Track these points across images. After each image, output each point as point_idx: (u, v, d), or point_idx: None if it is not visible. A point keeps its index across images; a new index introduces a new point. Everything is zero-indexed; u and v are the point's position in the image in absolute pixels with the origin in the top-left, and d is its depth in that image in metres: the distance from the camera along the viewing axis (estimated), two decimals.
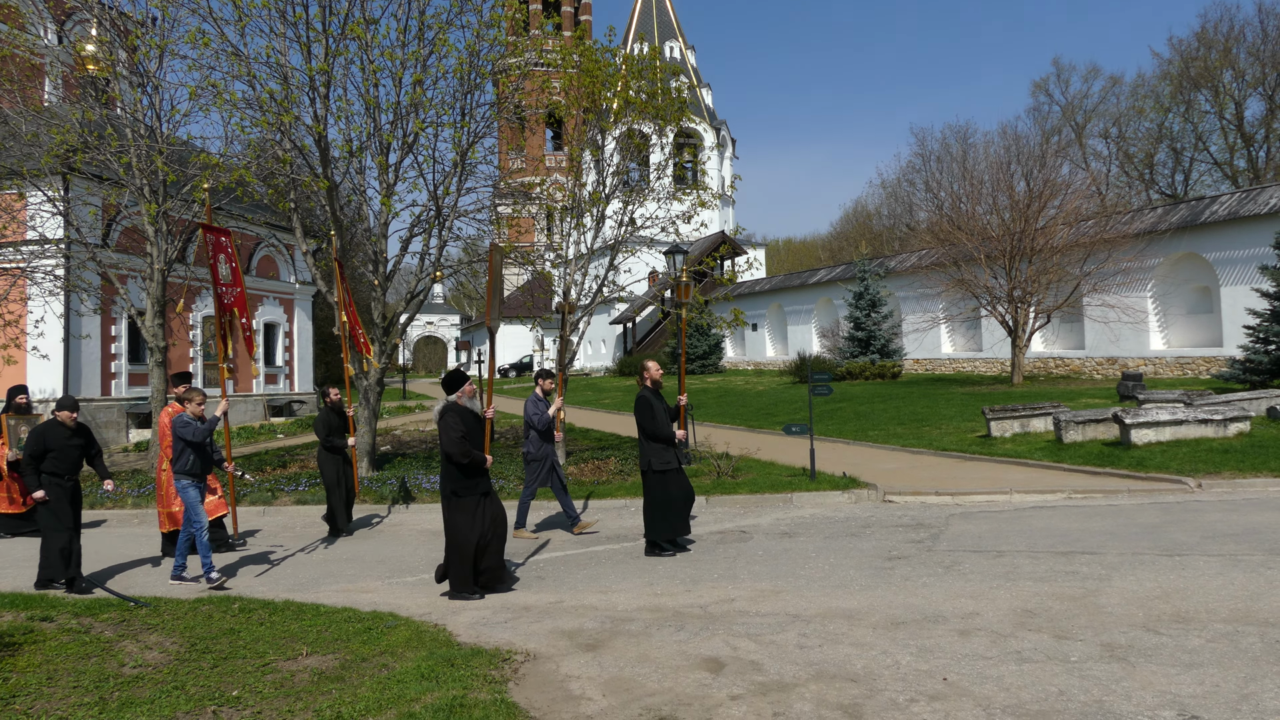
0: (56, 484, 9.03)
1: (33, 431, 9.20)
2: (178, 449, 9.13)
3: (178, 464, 9.12)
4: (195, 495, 9.04)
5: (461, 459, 8.01)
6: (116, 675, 5.88)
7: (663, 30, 61.03)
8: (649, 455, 9.62)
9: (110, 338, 23.83)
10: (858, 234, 65.89)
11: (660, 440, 9.59)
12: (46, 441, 9.06)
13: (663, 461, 9.54)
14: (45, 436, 9.10)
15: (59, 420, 9.23)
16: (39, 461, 8.98)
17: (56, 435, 9.14)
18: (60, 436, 9.14)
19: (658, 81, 16.48)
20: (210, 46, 13.95)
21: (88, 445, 9.41)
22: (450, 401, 8.39)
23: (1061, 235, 24.94)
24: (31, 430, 9.23)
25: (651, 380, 10.00)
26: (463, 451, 8.00)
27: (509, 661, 5.91)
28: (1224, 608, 6.42)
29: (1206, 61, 47.89)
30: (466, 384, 8.50)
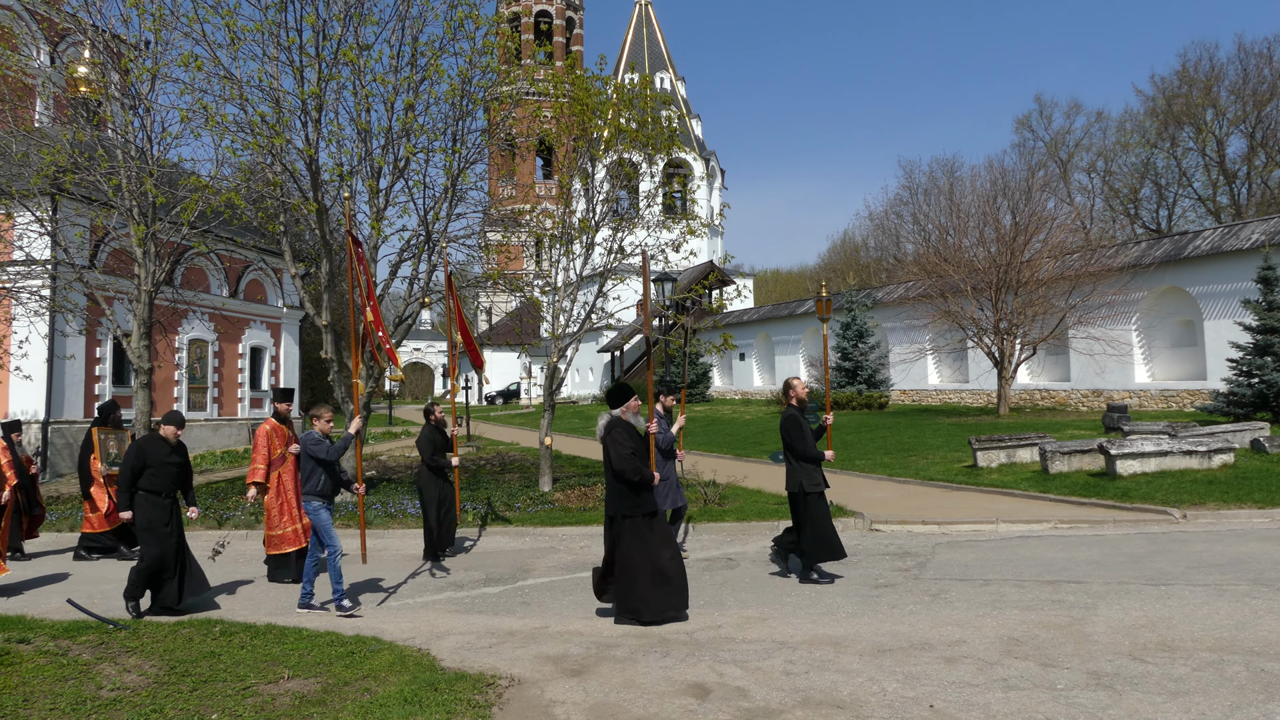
0: (153, 501, 8.58)
1: (134, 444, 8.76)
2: (307, 469, 8.60)
3: (308, 485, 8.57)
4: (328, 518, 8.54)
5: (633, 476, 7.66)
6: (94, 698, 5.79)
7: (653, 61, 61.64)
8: (800, 477, 9.16)
9: (95, 359, 23.68)
10: (845, 265, 66.30)
11: (811, 461, 9.15)
12: (146, 456, 8.60)
13: (814, 483, 9.13)
14: (145, 451, 8.65)
15: (161, 435, 8.79)
16: (136, 477, 8.55)
17: (157, 451, 8.69)
18: (161, 453, 8.69)
19: (648, 111, 16.62)
20: (203, 70, 14.01)
21: (185, 465, 8.94)
22: (615, 416, 8.05)
23: (1047, 268, 25.17)
24: (133, 443, 8.77)
25: (798, 399, 9.48)
26: (635, 468, 7.66)
27: (493, 686, 5.85)
28: (1210, 637, 6.43)
29: (1188, 99, 48.65)
30: (632, 398, 8.15)
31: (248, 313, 29.87)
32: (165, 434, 8.77)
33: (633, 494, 7.72)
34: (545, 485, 15.89)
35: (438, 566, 10.76)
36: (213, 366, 28.33)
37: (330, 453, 8.54)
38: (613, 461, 7.76)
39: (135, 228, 16.18)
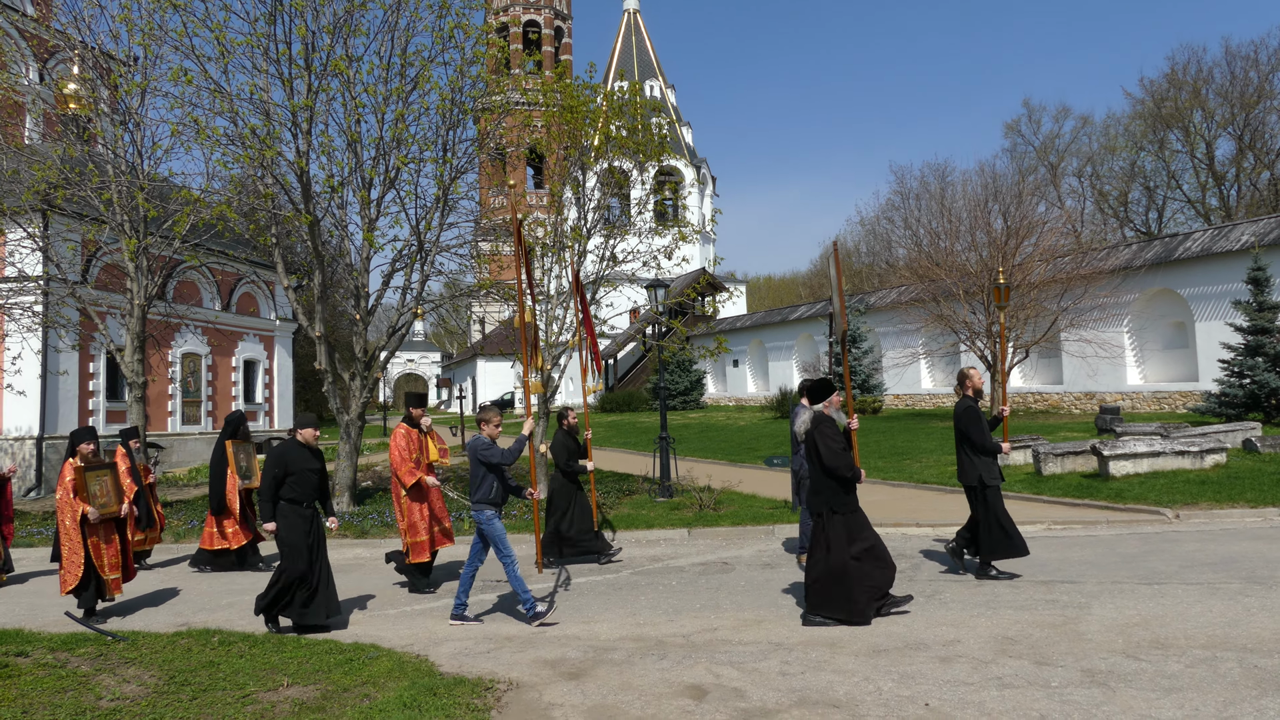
0: (295, 511, 8.12)
1: (273, 452, 8.21)
2: (477, 476, 8.13)
3: (479, 493, 8.11)
4: (502, 528, 8.11)
5: (847, 473, 7.54)
6: (93, 708, 5.81)
7: (643, 69, 61.84)
8: (979, 470, 8.94)
9: (88, 374, 23.63)
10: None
11: (988, 453, 8.97)
12: (288, 463, 8.09)
13: (993, 476, 8.95)
14: (286, 458, 8.12)
15: (300, 440, 8.31)
16: (279, 486, 8.06)
17: (297, 457, 8.18)
18: (301, 459, 8.18)
19: (639, 118, 16.71)
20: (193, 84, 14.05)
21: (324, 471, 8.45)
22: (819, 412, 7.87)
23: (1039, 272, 25.28)
24: (271, 451, 8.24)
25: (975, 389, 9.31)
26: (848, 464, 7.55)
27: (491, 690, 5.88)
28: (1202, 634, 6.48)
29: (1177, 102, 48.96)
30: (835, 393, 7.94)
31: (241, 326, 29.84)
32: (304, 438, 8.32)
33: (844, 491, 7.58)
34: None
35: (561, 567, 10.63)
36: (206, 380, 28.28)
37: (505, 457, 8.10)
38: (824, 457, 7.58)
39: (127, 242, 16.19)
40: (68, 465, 8.90)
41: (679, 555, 11.29)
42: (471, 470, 8.21)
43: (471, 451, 8.13)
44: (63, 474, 8.94)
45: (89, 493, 8.87)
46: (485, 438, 8.21)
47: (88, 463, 9.02)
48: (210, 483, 12.07)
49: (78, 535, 8.77)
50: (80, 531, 8.75)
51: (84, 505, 8.75)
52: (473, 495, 8.15)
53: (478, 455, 8.09)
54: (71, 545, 8.79)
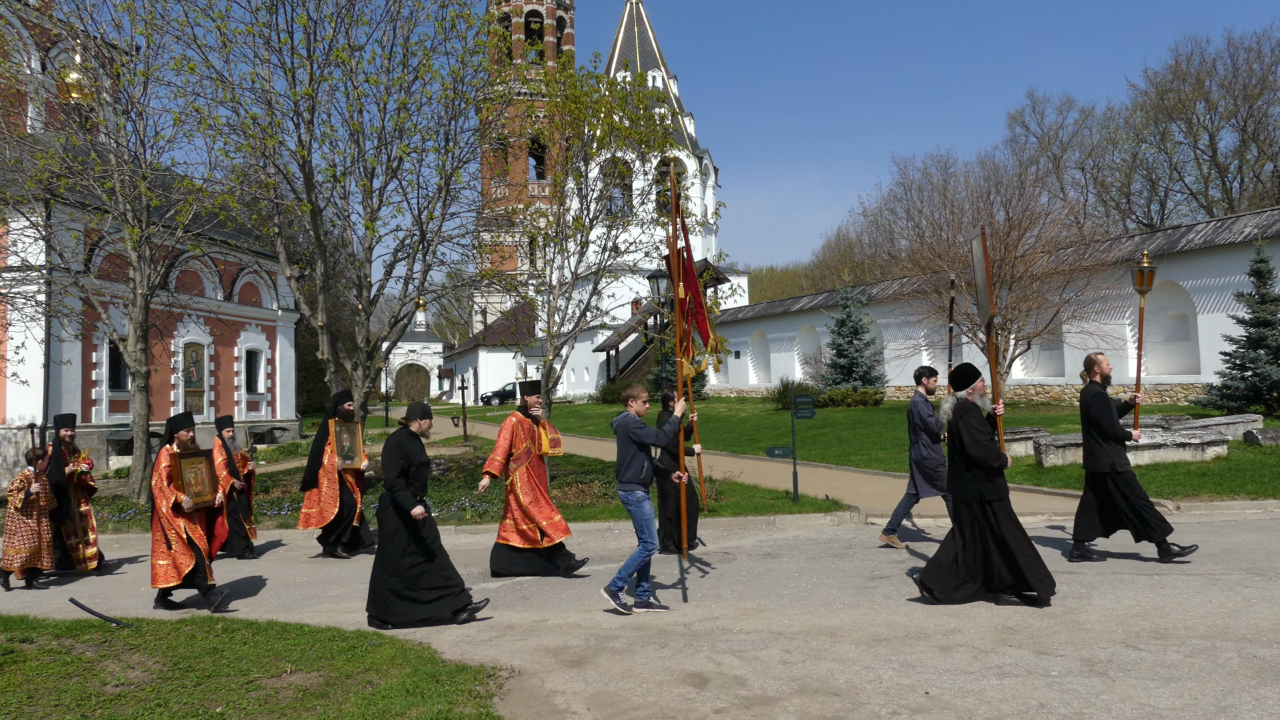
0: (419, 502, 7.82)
1: (394, 443, 7.86)
2: (627, 455, 7.82)
3: (628, 472, 7.81)
4: (650, 511, 7.83)
5: (995, 462, 7.37)
6: (98, 694, 5.85)
7: (645, 60, 61.70)
8: (1110, 456, 8.79)
9: (91, 364, 23.69)
10: (840, 262, 66.34)
11: (1119, 440, 8.82)
12: (409, 454, 7.77)
13: (1124, 463, 8.79)
14: (406, 449, 7.79)
15: (414, 430, 8.00)
16: (405, 476, 7.72)
17: (415, 448, 7.86)
18: (418, 450, 7.88)
19: (641, 108, 16.69)
20: (195, 73, 14.06)
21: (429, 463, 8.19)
22: (963, 399, 7.66)
23: (1041, 263, 25.25)
24: (391, 442, 7.89)
25: (1102, 375, 9.13)
26: (996, 454, 7.38)
27: (494, 677, 5.91)
28: (1202, 624, 6.51)
29: (1180, 94, 48.79)
30: (979, 379, 7.73)
31: (243, 316, 29.87)
32: (419, 429, 8.04)
33: (991, 478, 7.43)
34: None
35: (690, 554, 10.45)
36: (209, 370, 28.34)
37: (660, 437, 7.83)
38: (968, 448, 7.43)
39: (130, 231, 16.21)
40: (164, 452, 8.71)
41: None
42: (620, 449, 7.92)
43: (622, 430, 7.84)
44: (158, 460, 8.71)
45: (183, 480, 8.68)
46: (634, 415, 7.92)
47: (184, 450, 8.82)
48: (309, 458, 11.98)
49: (179, 523, 8.57)
50: (177, 518, 8.58)
51: (178, 493, 8.58)
52: (621, 475, 7.87)
53: (629, 434, 7.79)
54: (175, 535, 8.56)
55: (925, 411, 10.22)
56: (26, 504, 10.19)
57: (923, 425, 10.20)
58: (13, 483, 10.35)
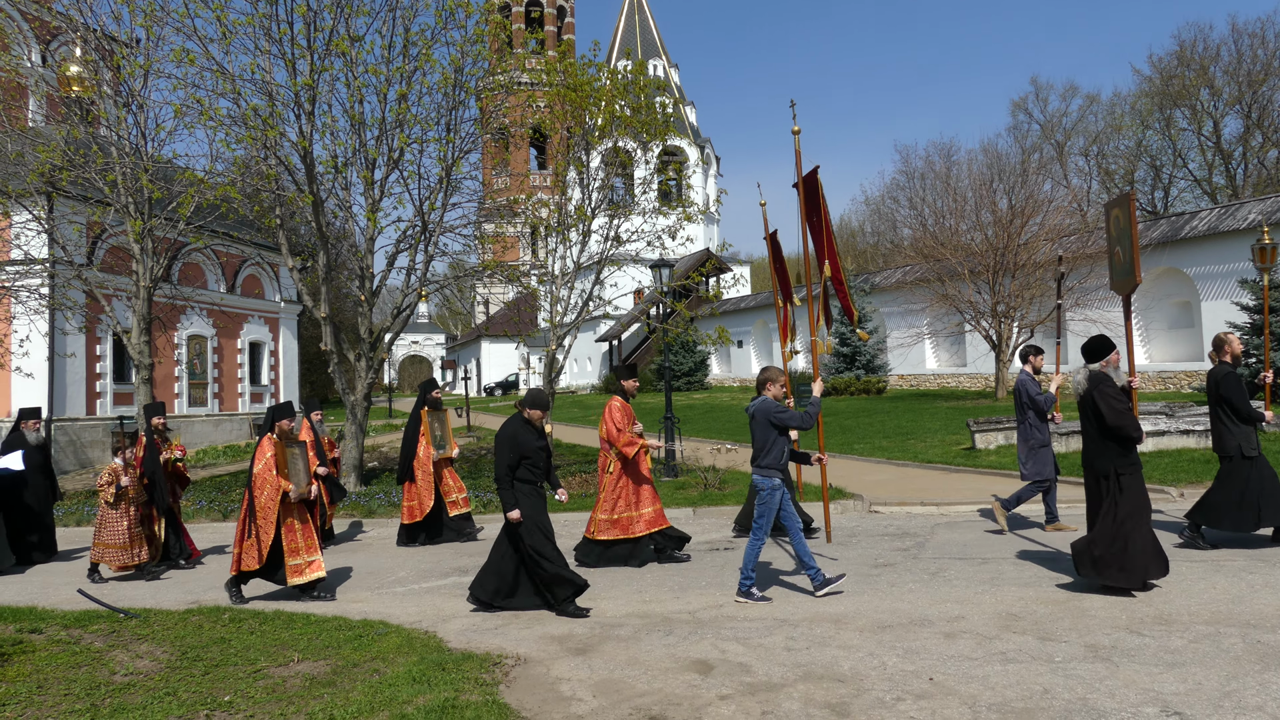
0: (534, 491, 7.70)
1: (506, 433, 7.68)
2: (766, 440, 7.65)
3: (768, 458, 7.64)
4: (778, 502, 7.64)
5: (1134, 432, 7.21)
6: (107, 683, 5.89)
7: (646, 49, 61.49)
8: (1237, 439, 8.50)
9: (95, 356, 23.73)
10: (842, 251, 66.18)
11: (1252, 422, 8.53)
12: (521, 444, 7.62)
13: (1252, 446, 8.48)
14: (518, 438, 7.64)
15: (528, 419, 7.83)
16: (515, 470, 7.57)
17: (528, 437, 7.72)
18: (531, 438, 7.73)
19: (643, 96, 16.66)
20: (195, 64, 14.05)
21: (549, 449, 8.02)
22: (1098, 371, 7.47)
23: (1044, 251, 25.21)
24: (504, 433, 7.69)
25: (1233, 354, 8.85)
26: (1134, 424, 7.23)
27: (499, 665, 5.95)
28: (1206, 610, 6.52)
29: (1184, 80, 48.62)
30: (1114, 352, 7.52)
31: (245, 308, 29.90)
32: (531, 417, 7.84)
33: (1124, 450, 7.28)
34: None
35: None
36: (212, 362, 28.38)
37: (804, 420, 7.66)
38: (1106, 417, 7.25)
39: (132, 224, 16.22)
40: (267, 440, 8.54)
41: None
42: (758, 434, 7.72)
43: (761, 414, 7.69)
44: (262, 448, 8.53)
45: (288, 470, 8.52)
46: (772, 398, 7.78)
47: (286, 439, 8.67)
48: (401, 450, 11.79)
49: (274, 513, 8.37)
50: (276, 510, 8.39)
51: (286, 483, 8.42)
52: (760, 460, 7.69)
53: (770, 418, 7.63)
54: (265, 523, 8.34)
55: (1034, 389, 10.05)
56: (117, 497, 10.04)
57: (1030, 403, 10.01)
58: (101, 476, 10.18)
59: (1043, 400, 9.93)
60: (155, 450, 10.59)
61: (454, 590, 8.69)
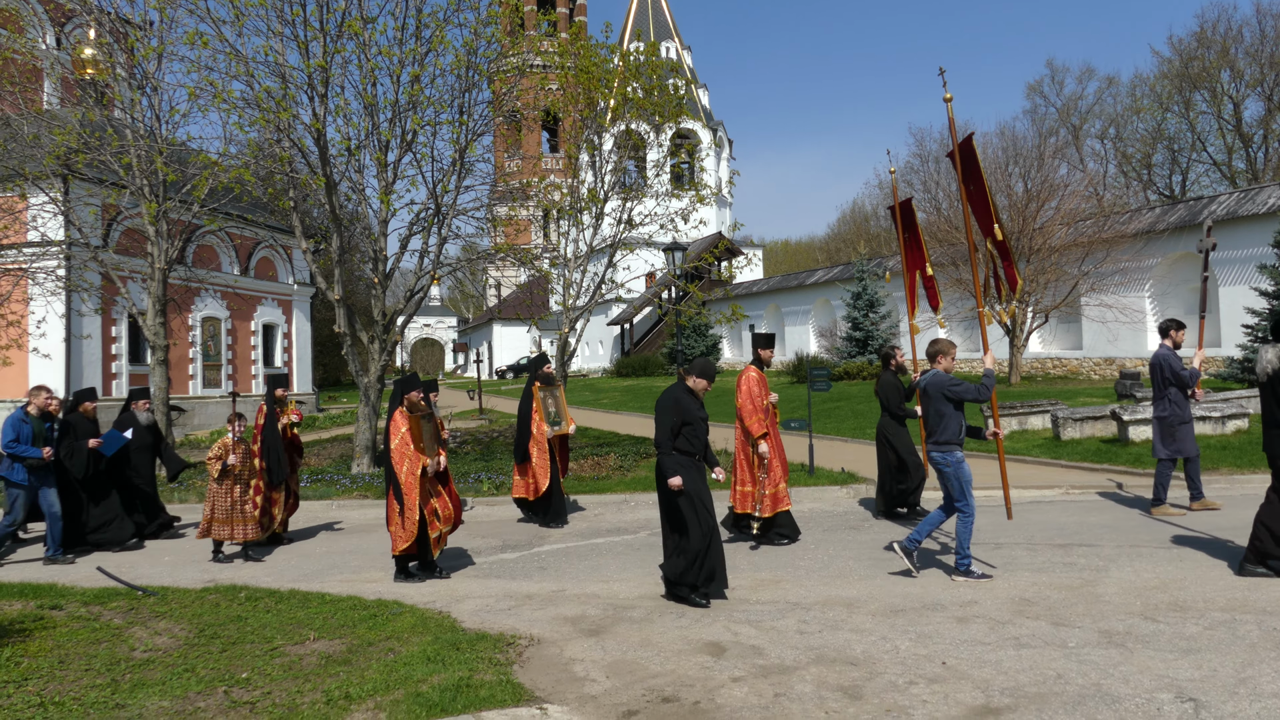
0: (692, 464, 7.29)
1: (670, 399, 7.32)
2: (944, 414, 7.49)
3: (945, 433, 7.43)
4: (969, 472, 7.46)
5: None
6: (127, 659, 5.96)
7: (659, 30, 61.14)
8: None
9: (111, 338, 23.89)
10: (855, 235, 65.94)
11: None
12: (684, 411, 7.26)
13: None
14: (681, 405, 7.27)
15: (691, 388, 7.47)
16: (676, 436, 7.22)
17: (692, 405, 7.34)
18: (695, 407, 7.37)
19: (655, 78, 16.57)
20: (208, 47, 14.04)
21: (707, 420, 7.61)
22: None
23: (1059, 235, 25.02)
24: (667, 399, 7.33)
25: None
26: None
27: (513, 645, 5.99)
28: (1221, 597, 6.50)
29: (1204, 61, 48.03)
30: None
31: (259, 290, 30.02)
32: (695, 387, 7.46)
33: None
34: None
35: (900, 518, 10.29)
36: (226, 344, 28.54)
37: (980, 393, 7.45)
38: None
39: (147, 206, 16.28)
40: (399, 414, 8.33)
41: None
42: (932, 408, 7.51)
43: (935, 388, 7.49)
44: (395, 424, 8.31)
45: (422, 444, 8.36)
46: (945, 371, 7.57)
47: (416, 411, 8.48)
48: (517, 428, 11.51)
49: (415, 491, 8.20)
50: (419, 486, 8.22)
51: (424, 458, 8.26)
52: (937, 436, 7.46)
53: (945, 391, 7.43)
54: (409, 501, 8.19)
55: (1176, 365, 9.76)
56: (223, 473, 9.94)
57: (1174, 378, 9.71)
58: (211, 450, 10.07)
59: (1187, 375, 9.63)
60: (275, 421, 10.46)
61: (468, 571, 8.75)
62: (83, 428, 10.85)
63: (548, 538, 10.49)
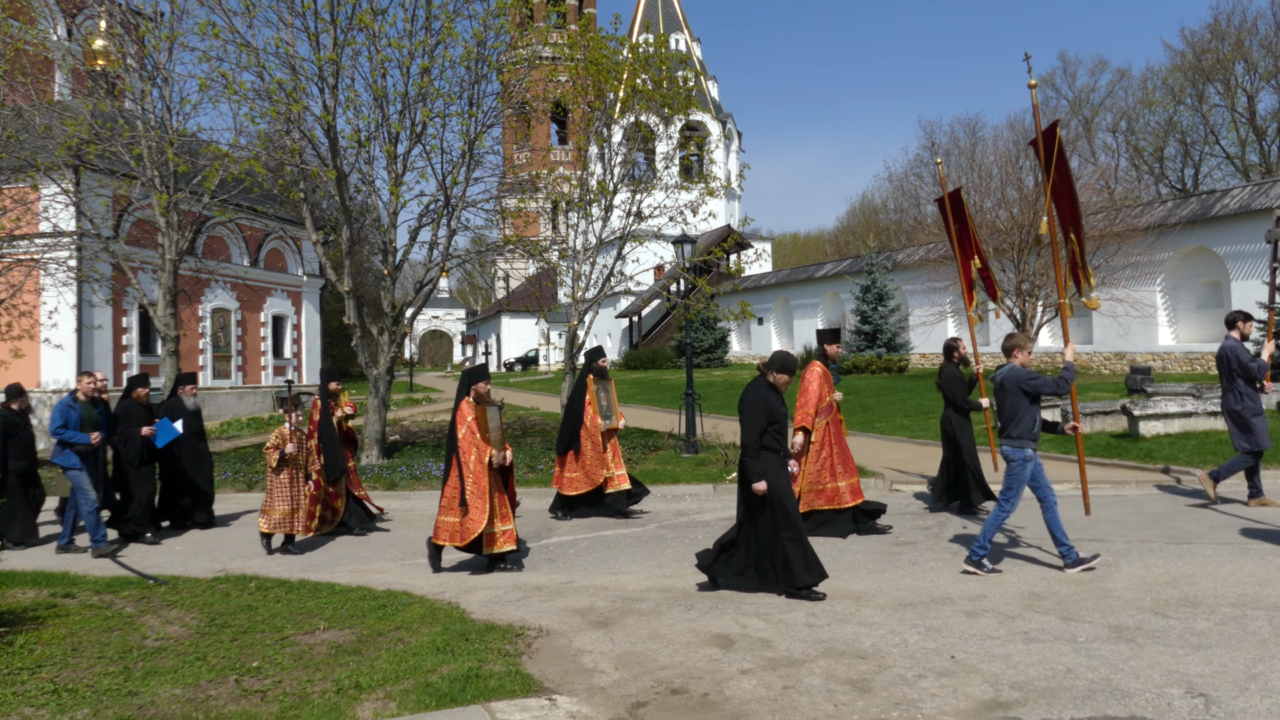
0: (781, 462, 7.15)
1: (755, 399, 7.10)
2: (1018, 409, 7.34)
3: (1019, 427, 7.33)
4: (1029, 475, 7.38)
5: None
6: (139, 647, 6.00)
7: (668, 22, 60.94)
8: None
9: (121, 329, 23.98)
10: (864, 228, 65.76)
11: None
12: (771, 409, 7.08)
13: None
14: (769, 403, 7.09)
15: (773, 384, 7.22)
16: (763, 436, 7.01)
17: (776, 402, 7.14)
18: (778, 403, 7.16)
19: (665, 70, 16.53)
20: (219, 38, 14.07)
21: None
22: None
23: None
24: (752, 398, 7.12)
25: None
26: None
27: (522, 636, 6.01)
28: (1232, 593, 6.47)
29: (1218, 54, 47.65)
30: None
31: (269, 281, 30.08)
32: (777, 382, 7.21)
33: None
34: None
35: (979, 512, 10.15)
36: (236, 335, 28.62)
37: (1059, 386, 7.34)
38: None
39: (158, 197, 16.33)
40: (466, 404, 8.20)
41: (704, 510, 11.39)
42: (1008, 403, 7.38)
43: (1011, 382, 7.37)
44: (462, 413, 8.17)
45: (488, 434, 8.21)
46: (1021, 366, 7.47)
47: (482, 402, 8.32)
48: (565, 418, 11.16)
49: (485, 480, 8.01)
50: (488, 476, 8.05)
51: (491, 449, 8.09)
52: (1010, 431, 7.38)
53: (1023, 385, 7.31)
54: (477, 489, 7.99)
55: (1244, 356, 9.62)
56: (281, 463, 9.73)
57: (1241, 370, 9.58)
58: (269, 440, 9.86)
59: (1255, 367, 9.49)
60: (330, 414, 10.33)
61: (476, 563, 8.76)
62: (135, 414, 10.76)
63: (556, 530, 10.51)
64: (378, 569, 8.62)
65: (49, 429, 10.07)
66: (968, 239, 12.04)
